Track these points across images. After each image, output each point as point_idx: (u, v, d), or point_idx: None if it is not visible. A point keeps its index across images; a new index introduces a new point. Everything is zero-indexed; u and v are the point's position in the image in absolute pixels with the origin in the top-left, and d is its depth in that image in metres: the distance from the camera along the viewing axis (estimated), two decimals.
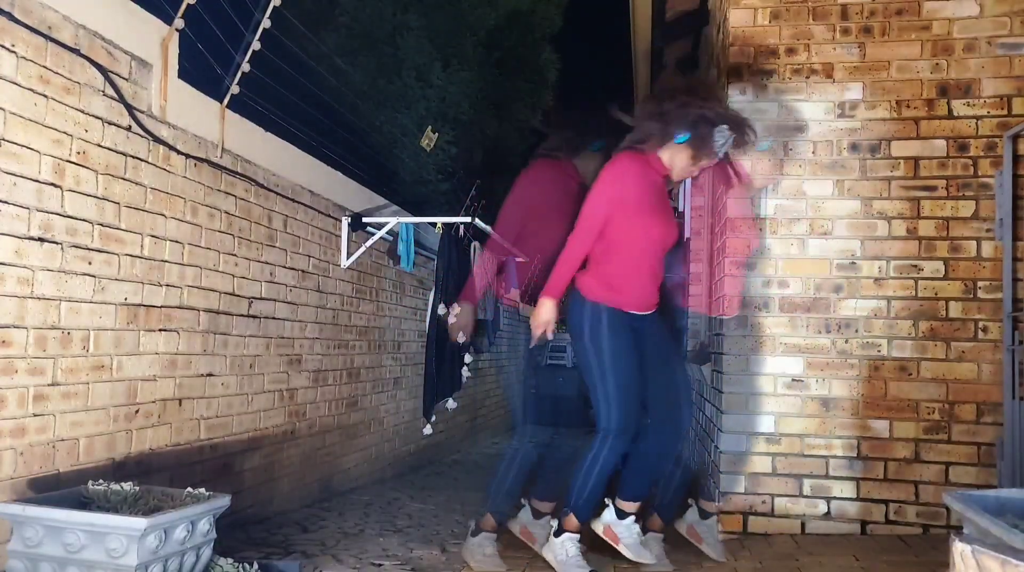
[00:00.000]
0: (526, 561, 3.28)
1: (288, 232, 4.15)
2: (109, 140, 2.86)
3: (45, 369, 2.56)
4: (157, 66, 3.12)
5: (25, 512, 2.22)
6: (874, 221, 3.51)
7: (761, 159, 3.58)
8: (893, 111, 3.53)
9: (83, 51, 2.73)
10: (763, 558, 3.12)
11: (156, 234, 3.11)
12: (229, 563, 2.56)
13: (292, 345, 4.20)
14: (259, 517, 3.86)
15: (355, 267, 4.91)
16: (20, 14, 2.46)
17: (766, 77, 3.63)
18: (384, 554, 3.37)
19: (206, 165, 3.43)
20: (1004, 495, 1.94)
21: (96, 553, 2.18)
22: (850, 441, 3.46)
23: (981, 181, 3.44)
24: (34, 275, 2.52)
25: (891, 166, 3.52)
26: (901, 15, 3.54)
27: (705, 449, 4.31)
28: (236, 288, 3.66)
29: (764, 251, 3.59)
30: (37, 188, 2.53)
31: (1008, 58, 3.45)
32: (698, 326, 5.85)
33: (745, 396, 3.56)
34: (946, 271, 3.45)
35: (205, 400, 3.43)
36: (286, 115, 4.42)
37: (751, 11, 3.66)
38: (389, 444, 5.69)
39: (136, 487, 2.50)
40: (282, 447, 4.12)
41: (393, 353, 5.73)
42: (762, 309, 3.57)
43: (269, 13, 3.61)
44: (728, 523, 3.52)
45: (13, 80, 2.45)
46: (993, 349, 3.38)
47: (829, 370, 3.50)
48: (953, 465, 3.39)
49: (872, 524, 3.42)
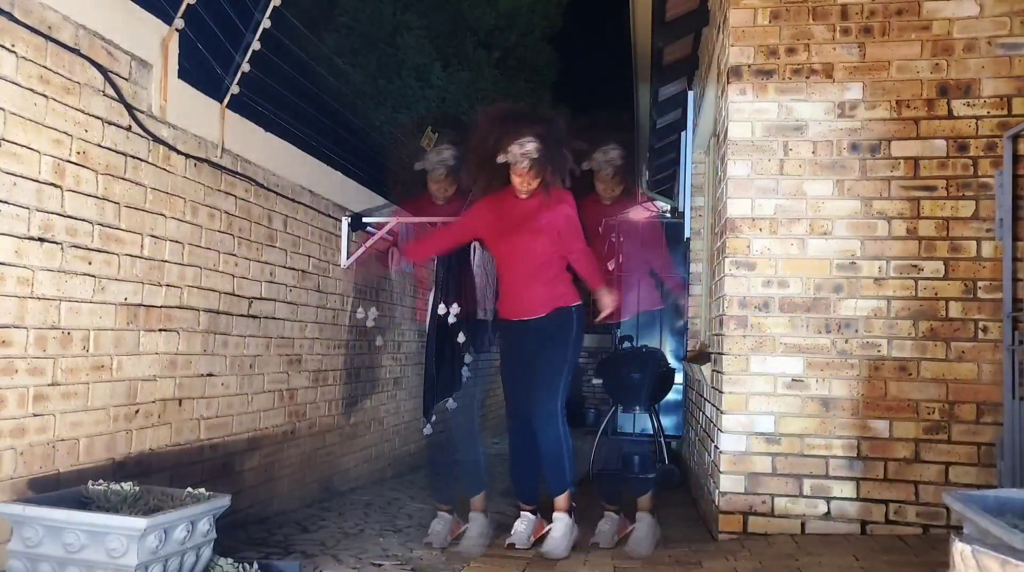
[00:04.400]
0: (526, 561, 3.28)
1: (288, 232, 4.15)
2: (109, 140, 2.86)
3: (45, 369, 2.56)
4: (157, 66, 3.12)
5: (25, 512, 2.22)
6: (874, 221, 3.51)
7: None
8: (893, 111, 3.53)
9: (83, 51, 2.73)
10: (763, 558, 3.11)
11: (156, 234, 3.11)
12: (229, 563, 2.56)
13: (292, 345, 4.20)
14: (259, 517, 3.86)
15: (355, 267, 4.91)
16: (20, 14, 2.46)
17: (766, 77, 3.63)
18: (384, 554, 3.37)
19: (206, 165, 3.44)
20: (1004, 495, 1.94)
21: (96, 553, 2.18)
22: (850, 441, 3.46)
23: (981, 181, 3.44)
24: (34, 275, 2.52)
25: (891, 166, 3.52)
26: (901, 15, 3.54)
27: (705, 449, 4.31)
28: (236, 288, 3.66)
29: (763, 251, 3.59)
30: (37, 188, 2.53)
31: (1008, 58, 3.45)
32: (698, 326, 5.86)
33: (745, 396, 3.56)
34: (946, 271, 3.45)
35: (205, 400, 3.43)
36: (286, 115, 4.42)
37: (751, 11, 3.66)
38: (389, 444, 5.69)
39: (136, 487, 2.50)
40: (282, 447, 4.12)
41: (393, 353, 5.73)
42: (762, 309, 3.57)
43: (269, 13, 3.61)
44: (728, 523, 3.52)
45: (13, 80, 2.45)
46: (993, 349, 3.38)
47: (829, 370, 3.50)
48: (953, 465, 3.38)
49: (872, 524, 3.42)
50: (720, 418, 3.61)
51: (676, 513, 4.45)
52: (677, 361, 6.70)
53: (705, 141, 5.36)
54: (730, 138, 3.66)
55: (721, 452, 3.56)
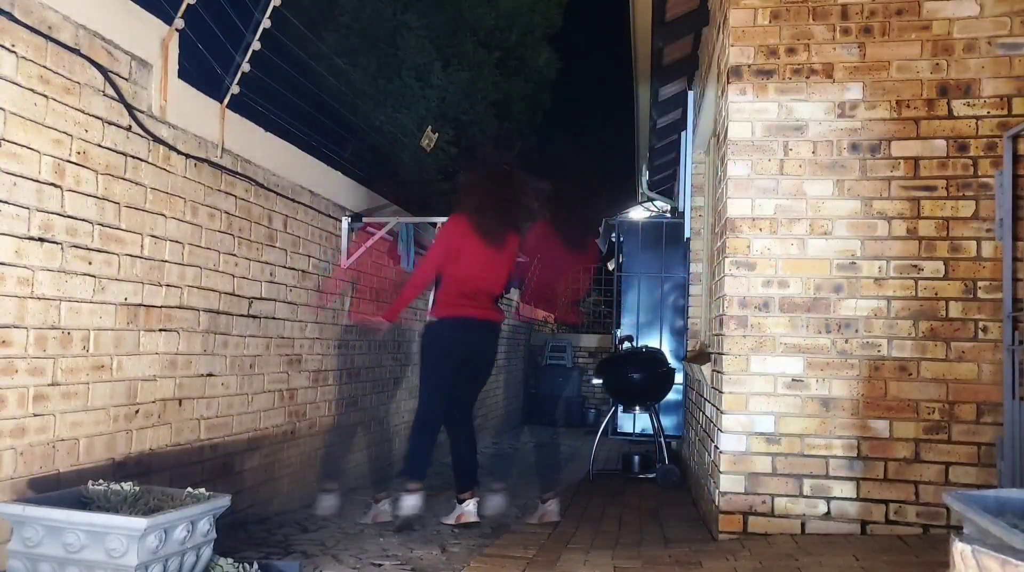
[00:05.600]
0: (526, 561, 3.28)
1: (288, 232, 4.16)
2: (109, 140, 2.86)
3: (45, 369, 2.56)
4: (157, 66, 3.12)
5: (25, 512, 2.22)
6: (874, 221, 3.51)
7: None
8: (893, 111, 3.53)
9: (83, 51, 2.73)
10: (763, 558, 3.11)
11: (156, 234, 3.11)
12: (229, 563, 2.56)
13: (292, 345, 4.20)
14: (259, 517, 3.86)
15: (355, 267, 4.91)
16: (20, 14, 2.46)
17: (766, 77, 3.63)
18: (384, 554, 3.37)
19: (206, 165, 3.44)
20: (1004, 495, 1.93)
21: (96, 553, 2.18)
22: (850, 441, 3.46)
23: (981, 181, 3.44)
24: (34, 275, 2.52)
25: (891, 166, 3.52)
26: (901, 15, 3.54)
27: (705, 449, 4.31)
28: (236, 288, 3.66)
29: (763, 251, 3.59)
30: (37, 188, 2.53)
31: (1008, 58, 3.45)
32: (698, 326, 5.86)
33: (745, 396, 3.56)
34: (946, 271, 3.45)
35: (205, 400, 3.43)
36: (286, 115, 4.42)
37: (751, 11, 3.66)
38: (389, 444, 5.69)
39: (136, 487, 2.50)
40: (282, 447, 4.12)
41: (393, 353, 5.73)
42: (762, 309, 3.57)
43: (269, 13, 3.61)
44: (728, 523, 3.52)
45: (13, 80, 2.45)
46: (993, 349, 3.38)
47: (829, 370, 3.50)
48: (953, 465, 3.38)
49: (872, 524, 3.42)
50: (720, 418, 3.61)
51: (676, 513, 4.45)
52: (677, 361, 6.70)
53: (705, 141, 5.36)
54: (730, 138, 3.66)
55: (721, 452, 3.56)
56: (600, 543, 3.67)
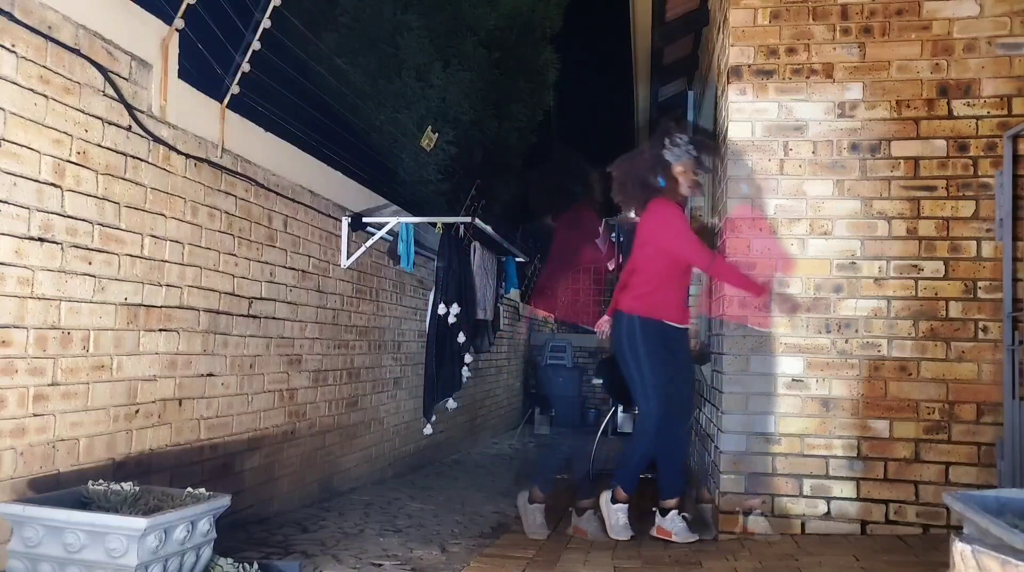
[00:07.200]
0: (527, 561, 3.28)
1: (288, 232, 4.15)
2: (109, 140, 2.86)
3: (45, 369, 2.56)
4: (157, 66, 3.12)
5: (25, 512, 2.21)
6: (874, 221, 3.51)
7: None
8: (893, 111, 3.53)
9: (83, 51, 2.73)
10: (763, 558, 3.11)
11: (156, 234, 3.11)
12: (229, 563, 2.56)
13: (292, 345, 4.20)
14: (259, 517, 3.86)
15: (355, 267, 4.91)
16: (20, 14, 2.46)
17: (766, 77, 3.63)
18: (384, 554, 3.37)
19: (206, 165, 3.43)
20: (1004, 495, 1.94)
21: (96, 553, 2.18)
22: (850, 441, 3.46)
23: (981, 181, 3.44)
24: (34, 275, 2.52)
25: (891, 166, 3.52)
26: (901, 15, 3.54)
27: (705, 449, 4.31)
28: (236, 288, 3.66)
29: (763, 251, 3.59)
30: (37, 188, 2.53)
31: (1008, 58, 3.45)
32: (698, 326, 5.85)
33: (745, 396, 3.56)
34: (946, 271, 3.45)
35: (205, 400, 3.43)
36: (286, 115, 4.42)
37: (751, 11, 3.66)
38: (389, 444, 5.69)
39: (136, 487, 2.49)
40: (282, 447, 4.12)
41: (393, 353, 5.73)
42: (762, 309, 3.57)
43: (269, 13, 3.61)
44: (728, 523, 3.52)
45: (13, 80, 2.45)
46: (993, 349, 3.38)
47: (829, 370, 3.50)
48: (953, 465, 3.38)
49: (872, 524, 3.42)
50: (720, 418, 3.61)
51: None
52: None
53: None
54: (730, 138, 3.66)
55: (721, 452, 3.56)
56: (600, 543, 3.67)
